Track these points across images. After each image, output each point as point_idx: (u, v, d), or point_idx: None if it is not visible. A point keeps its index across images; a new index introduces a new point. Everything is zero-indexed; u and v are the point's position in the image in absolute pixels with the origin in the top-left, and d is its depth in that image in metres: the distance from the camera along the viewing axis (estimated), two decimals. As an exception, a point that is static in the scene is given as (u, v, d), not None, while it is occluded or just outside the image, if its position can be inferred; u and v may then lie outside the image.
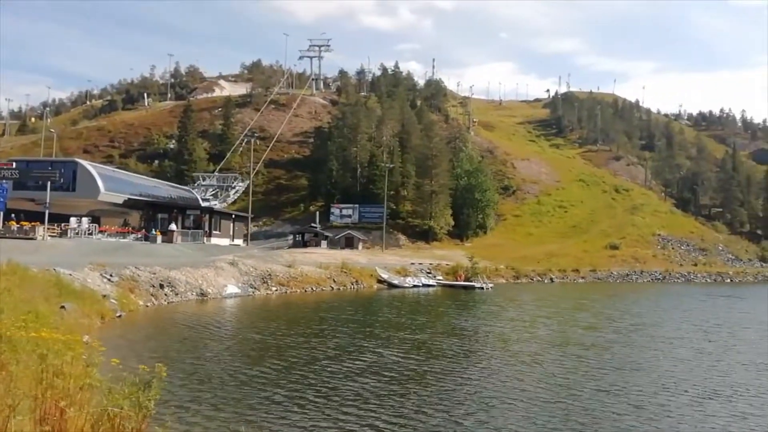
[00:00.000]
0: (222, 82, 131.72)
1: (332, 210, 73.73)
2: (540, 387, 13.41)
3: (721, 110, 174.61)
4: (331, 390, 12.40)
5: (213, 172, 78.16)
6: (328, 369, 14.51)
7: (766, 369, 16.65)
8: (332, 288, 37.83)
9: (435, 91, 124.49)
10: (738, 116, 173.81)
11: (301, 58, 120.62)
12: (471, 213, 76.66)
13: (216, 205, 66.96)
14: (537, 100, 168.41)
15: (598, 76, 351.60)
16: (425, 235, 72.52)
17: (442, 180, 73.56)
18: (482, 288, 44.76)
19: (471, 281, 46.38)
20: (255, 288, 32.68)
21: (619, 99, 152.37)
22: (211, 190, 73.61)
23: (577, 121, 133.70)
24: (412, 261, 52.67)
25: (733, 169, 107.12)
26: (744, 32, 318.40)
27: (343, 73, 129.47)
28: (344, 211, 73.75)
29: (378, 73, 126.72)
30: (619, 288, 55.99)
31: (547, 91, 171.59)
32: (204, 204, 64.16)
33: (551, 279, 59.77)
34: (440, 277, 48.30)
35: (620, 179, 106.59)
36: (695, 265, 77.74)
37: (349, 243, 64.26)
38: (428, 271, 49.97)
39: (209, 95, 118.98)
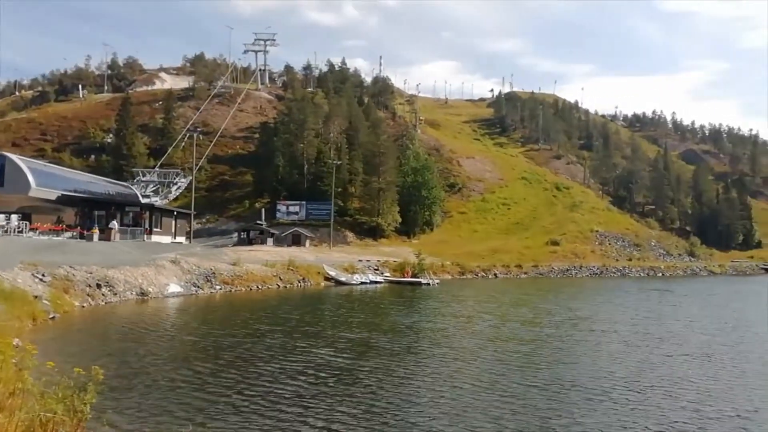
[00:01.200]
0: (163, 74, 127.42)
1: (279, 207, 72.81)
2: (475, 383, 13.53)
3: (654, 112, 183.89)
4: (267, 392, 12.18)
5: (154, 167, 75.59)
6: (265, 369, 14.24)
7: (689, 360, 17.58)
8: (279, 286, 37.34)
9: (382, 88, 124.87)
10: (669, 118, 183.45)
11: (245, 52, 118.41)
12: (418, 210, 77.49)
13: (157, 201, 64.83)
14: (482, 100, 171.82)
15: (540, 76, 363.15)
16: (373, 232, 72.74)
17: (389, 177, 73.96)
18: (429, 284, 45.31)
19: (418, 278, 46.86)
20: (198, 287, 31.86)
21: (559, 100, 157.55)
22: (151, 186, 71.19)
23: (519, 120, 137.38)
24: (360, 258, 52.72)
25: (664, 168, 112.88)
26: (673, 39, 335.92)
27: (289, 68, 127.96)
28: (291, 208, 72.97)
29: (325, 69, 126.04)
30: (559, 283, 57.90)
31: (491, 90, 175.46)
32: (144, 201, 61.98)
33: (495, 274, 61.16)
34: (387, 274, 48.54)
35: (561, 177, 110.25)
36: (630, 260, 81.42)
37: (296, 240, 63.64)
38: (376, 267, 50.12)
39: (149, 88, 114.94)
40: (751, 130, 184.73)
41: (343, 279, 42.88)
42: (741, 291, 51.45)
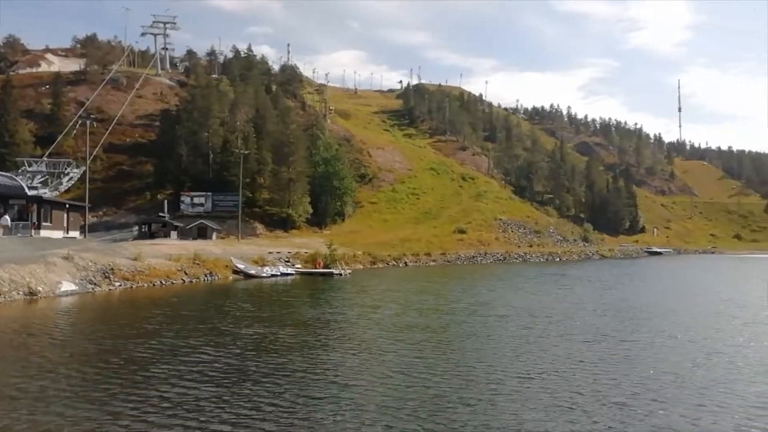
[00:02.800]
0: (49, 56, 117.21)
1: (182, 198, 69.66)
2: (377, 376, 13.61)
3: (551, 106, 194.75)
4: (158, 396, 11.64)
5: (41, 156, 69.50)
6: (157, 372, 13.58)
7: (576, 341, 18.81)
8: (184, 281, 35.83)
9: (290, 77, 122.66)
10: (565, 112, 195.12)
11: (143, 34, 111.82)
12: (329, 200, 77.17)
13: (46, 193, 59.64)
14: (391, 91, 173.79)
15: (446, 69, 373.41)
16: (283, 224, 71.55)
17: (299, 167, 72.96)
18: (340, 275, 45.37)
19: (329, 268, 46.75)
20: (95, 284, 29.87)
21: (465, 92, 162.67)
22: (39, 177, 65.12)
23: (427, 112, 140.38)
24: (270, 250, 51.70)
25: (561, 159, 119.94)
26: (567, 38, 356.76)
27: (191, 54, 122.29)
28: (196, 200, 70.05)
29: (230, 55, 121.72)
30: (466, 269, 59.99)
31: (400, 82, 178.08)
32: (31, 192, 56.90)
33: (405, 263, 62.31)
34: (299, 266, 48.03)
35: (466, 168, 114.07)
36: (531, 246, 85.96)
37: (202, 233, 61.28)
38: (287, 259, 49.43)
39: (34, 70, 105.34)
40: (636, 124, 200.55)
41: (252, 272, 41.90)
42: (628, 273, 55.83)
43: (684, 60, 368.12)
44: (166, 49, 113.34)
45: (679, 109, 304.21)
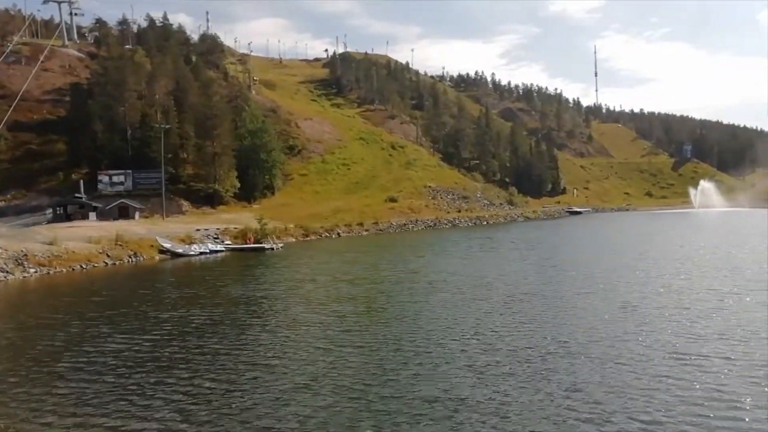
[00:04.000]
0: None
1: (100, 177, 66.22)
2: (302, 355, 13.71)
3: (476, 73, 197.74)
4: (65, 391, 11.32)
5: (-65, 137, 63.92)
6: (59, 366, 13.08)
7: (499, 303, 19.90)
8: (106, 264, 34.53)
9: (211, 46, 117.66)
10: (489, 79, 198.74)
11: (45, 2, 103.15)
12: (257, 174, 75.68)
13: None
14: (317, 60, 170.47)
15: (373, 38, 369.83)
16: (210, 200, 69.68)
17: (224, 141, 70.90)
18: (272, 249, 45.14)
19: (261, 243, 46.37)
20: (7, 272, 28.30)
21: (392, 61, 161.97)
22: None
23: (355, 81, 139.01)
24: (198, 227, 50.43)
25: (486, 126, 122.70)
26: (490, 4, 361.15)
27: (101, 23, 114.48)
28: (115, 178, 66.78)
29: (144, 24, 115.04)
30: (398, 237, 61.03)
31: (326, 50, 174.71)
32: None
33: (338, 234, 62.55)
34: (228, 242, 47.26)
35: (396, 137, 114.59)
36: (459, 211, 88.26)
37: (124, 213, 58.82)
38: (215, 236, 48.45)
39: None
40: (556, 89, 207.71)
41: (179, 250, 40.87)
42: (552, 233, 58.63)
43: (598, 26, 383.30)
44: (72, 21, 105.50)
45: (596, 74, 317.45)
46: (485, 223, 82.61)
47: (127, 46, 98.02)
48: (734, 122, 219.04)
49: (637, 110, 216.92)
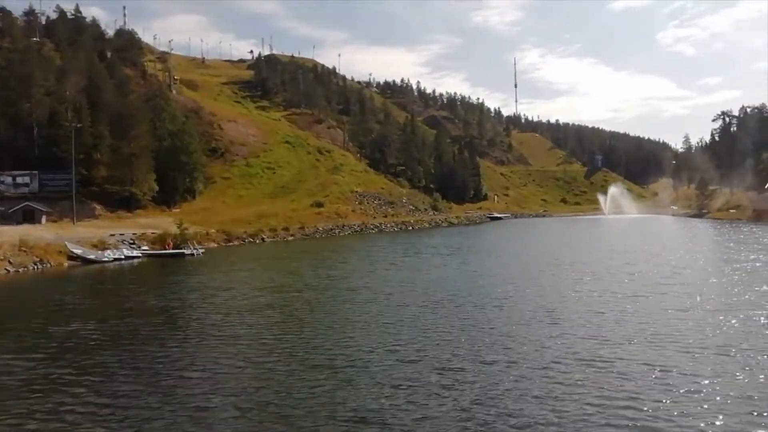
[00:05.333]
0: None
1: (2, 178, 61.55)
2: (205, 367, 13.18)
3: (402, 80, 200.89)
4: None
5: None
6: None
7: (415, 318, 20.19)
8: (8, 271, 32.11)
9: (128, 42, 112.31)
10: (414, 87, 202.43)
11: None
12: (178, 177, 72.94)
13: None
14: (242, 61, 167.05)
15: (299, 41, 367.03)
16: (127, 203, 66.37)
17: (142, 142, 67.80)
18: (193, 254, 43.72)
19: (180, 248, 44.75)
20: None
21: (318, 65, 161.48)
22: None
23: (281, 84, 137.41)
24: (112, 232, 47.92)
25: (412, 132, 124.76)
26: (415, 14, 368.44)
27: (5, 13, 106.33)
28: (19, 179, 62.24)
29: (54, 16, 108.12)
30: (323, 242, 60.77)
31: (251, 52, 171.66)
32: None
33: (263, 239, 61.39)
34: (146, 247, 45.25)
35: (322, 141, 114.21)
36: (385, 216, 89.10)
37: (29, 217, 54.92)
38: (132, 241, 46.24)
39: None
40: (478, 98, 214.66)
41: (91, 256, 38.66)
42: (472, 239, 60.37)
43: (518, 39, 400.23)
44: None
45: (515, 85, 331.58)
46: (411, 228, 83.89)
47: (34, 39, 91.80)
48: (639, 134, 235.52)
49: (553, 121, 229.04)
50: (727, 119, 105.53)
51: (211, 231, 56.25)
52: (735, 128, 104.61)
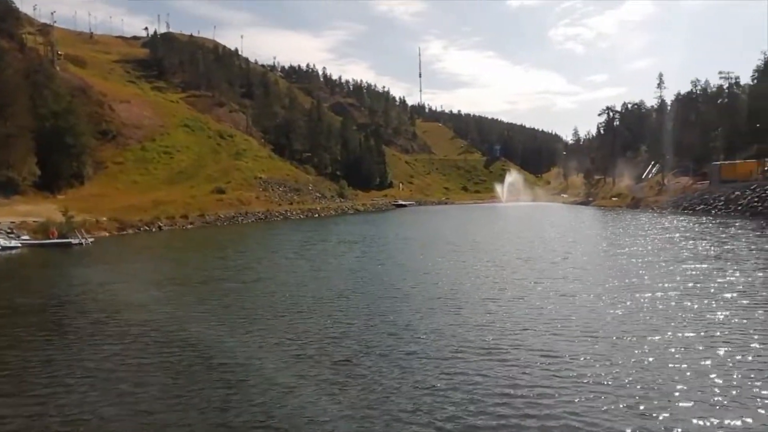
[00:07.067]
0: None
1: None
2: (85, 375, 12.09)
3: (308, 65, 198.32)
4: None
5: None
6: None
7: (316, 300, 20.27)
8: None
9: (3, 12, 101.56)
10: (320, 72, 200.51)
11: None
12: (63, 160, 67.41)
13: None
14: (135, 38, 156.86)
15: (198, 20, 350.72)
16: (3, 189, 60.32)
17: (20, 121, 61.76)
18: (81, 244, 40.88)
19: (67, 238, 41.63)
20: None
21: (219, 46, 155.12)
22: None
23: (179, 64, 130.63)
24: (-15, 220, 43.61)
25: (318, 119, 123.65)
26: (319, 0, 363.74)
27: None
28: None
29: None
30: (225, 230, 58.94)
31: (146, 29, 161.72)
32: None
33: (159, 227, 58.55)
34: (26, 237, 41.63)
35: (224, 125, 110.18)
36: (291, 203, 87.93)
37: None
38: (9, 230, 42.41)
39: None
40: (384, 87, 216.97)
41: (-40, 248, 35.00)
42: (376, 227, 61.13)
43: (421, 29, 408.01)
44: None
45: (420, 75, 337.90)
46: (317, 215, 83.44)
47: None
48: (534, 126, 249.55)
49: (455, 111, 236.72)
50: (611, 114, 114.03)
51: (101, 219, 52.81)
52: (617, 123, 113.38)
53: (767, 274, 21.13)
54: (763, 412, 9.44)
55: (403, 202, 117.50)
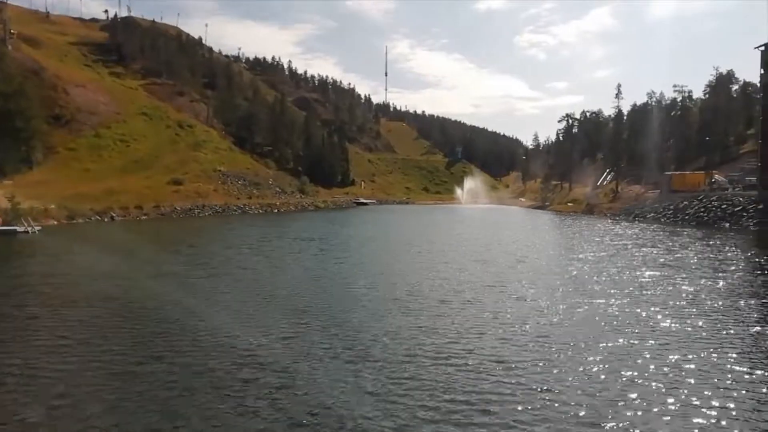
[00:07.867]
0: None
1: None
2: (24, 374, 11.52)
3: (273, 58, 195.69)
4: None
5: None
6: None
7: (264, 300, 19.91)
8: None
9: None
10: (286, 66, 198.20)
11: None
12: (11, 144, 64.63)
13: None
14: (94, 20, 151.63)
15: (161, 5, 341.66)
16: (-58, 171, 57.46)
17: (-35, 102, 59.00)
18: (27, 232, 39.22)
19: (12, 225, 39.87)
20: None
21: (183, 33, 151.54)
22: None
23: (139, 50, 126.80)
24: None
25: (281, 113, 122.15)
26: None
27: None
28: None
29: None
30: (180, 223, 57.53)
31: (106, 12, 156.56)
32: None
33: (112, 217, 56.73)
34: (-33, 223, 39.59)
35: (184, 115, 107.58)
36: (250, 198, 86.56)
37: None
38: (-52, 216, 40.21)
39: None
40: (349, 84, 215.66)
41: None
42: (338, 227, 60.75)
43: (390, 28, 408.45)
44: None
45: (386, 74, 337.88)
46: (276, 211, 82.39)
47: None
48: (497, 130, 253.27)
49: (420, 112, 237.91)
50: (570, 121, 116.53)
51: (50, 207, 50.76)
52: (576, 130, 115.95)
53: (713, 283, 21.85)
54: (708, 418, 9.66)
55: (365, 201, 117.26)
